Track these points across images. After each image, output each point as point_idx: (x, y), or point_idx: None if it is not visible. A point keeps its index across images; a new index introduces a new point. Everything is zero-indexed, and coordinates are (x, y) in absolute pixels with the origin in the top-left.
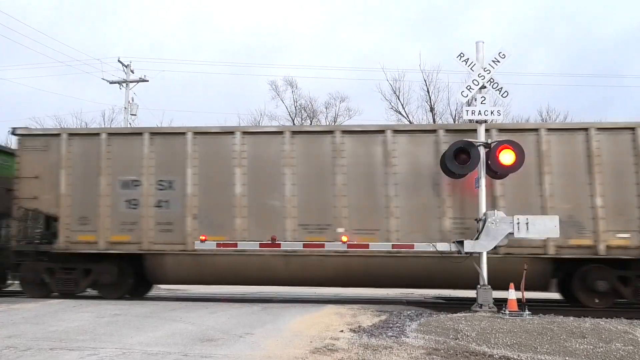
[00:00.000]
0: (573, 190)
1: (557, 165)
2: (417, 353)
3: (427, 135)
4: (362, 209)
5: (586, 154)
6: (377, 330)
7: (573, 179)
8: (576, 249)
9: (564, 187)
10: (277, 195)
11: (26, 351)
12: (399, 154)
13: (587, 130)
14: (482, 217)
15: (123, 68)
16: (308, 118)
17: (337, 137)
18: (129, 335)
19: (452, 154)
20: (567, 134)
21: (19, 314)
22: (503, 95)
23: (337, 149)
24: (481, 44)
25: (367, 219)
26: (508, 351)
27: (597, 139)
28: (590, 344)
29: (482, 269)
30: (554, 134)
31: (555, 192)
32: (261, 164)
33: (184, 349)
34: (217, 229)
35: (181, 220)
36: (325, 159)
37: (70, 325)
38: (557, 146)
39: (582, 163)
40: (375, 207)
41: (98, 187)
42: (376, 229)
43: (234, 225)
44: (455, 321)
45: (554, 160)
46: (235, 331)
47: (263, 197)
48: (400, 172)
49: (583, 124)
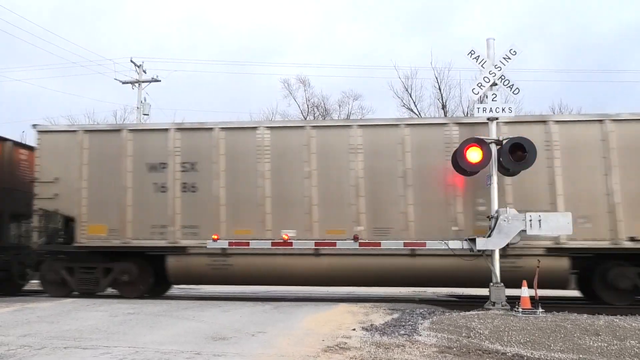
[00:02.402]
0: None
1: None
2: (429, 351)
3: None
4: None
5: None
6: (390, 328)
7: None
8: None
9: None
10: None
11: (41, 350)
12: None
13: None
14: (495, 215)
15: (135, 68)
16: (321, 116)
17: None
18: (142, 334)
19: (463, 152)
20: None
21: (34, 313)
22: (514, 92)
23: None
24: (492, 40)
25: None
26: (521, 349)
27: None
28: (605, 341)
29: (494, 266)
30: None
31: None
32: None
33: (196, 348)
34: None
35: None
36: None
37: (84, 324)
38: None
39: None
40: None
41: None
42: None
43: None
44: (467, 319)
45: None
46: (247, 329)
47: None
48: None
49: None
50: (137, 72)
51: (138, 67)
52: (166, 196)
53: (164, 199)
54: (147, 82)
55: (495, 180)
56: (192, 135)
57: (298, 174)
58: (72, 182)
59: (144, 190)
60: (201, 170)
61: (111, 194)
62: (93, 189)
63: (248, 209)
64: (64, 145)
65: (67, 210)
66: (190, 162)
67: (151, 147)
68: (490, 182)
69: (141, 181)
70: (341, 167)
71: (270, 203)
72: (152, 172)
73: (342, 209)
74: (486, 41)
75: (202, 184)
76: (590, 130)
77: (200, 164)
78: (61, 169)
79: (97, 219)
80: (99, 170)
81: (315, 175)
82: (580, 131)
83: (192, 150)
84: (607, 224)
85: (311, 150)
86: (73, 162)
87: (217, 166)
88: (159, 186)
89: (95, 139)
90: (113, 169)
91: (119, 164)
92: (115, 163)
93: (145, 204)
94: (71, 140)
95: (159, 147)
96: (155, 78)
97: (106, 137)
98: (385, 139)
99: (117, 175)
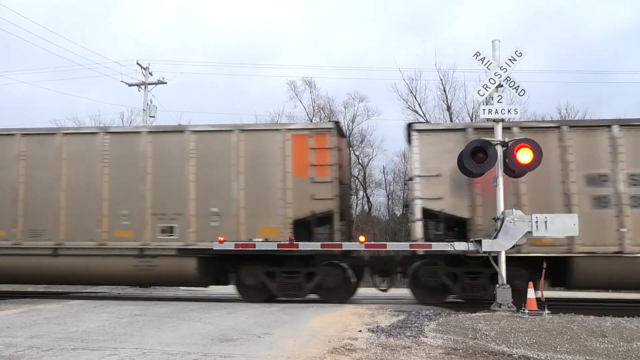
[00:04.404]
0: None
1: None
2: (435, 353)
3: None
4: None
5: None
6: (396, 330)
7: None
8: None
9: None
10: None
11: (48, 351)
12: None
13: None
14: (501, 216)
15: (142, 70)
16: (326, 118)
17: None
18: (149, 335)
19: (469, 153)
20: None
21: (41, 315)
22: (520, 93)
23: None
24: (497, 42)
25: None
26: (528, 350)
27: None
28: (611, 343)
29: (500, 268)
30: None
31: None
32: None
33: (203, 349)
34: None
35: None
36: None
37: (91, 325)
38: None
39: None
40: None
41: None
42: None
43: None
44: (474, 321)
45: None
46: (253, 331)
47: None
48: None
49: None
50: (143, 75)
51: (144, 69)
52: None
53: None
54: (153, 84)
55: (501, 182)
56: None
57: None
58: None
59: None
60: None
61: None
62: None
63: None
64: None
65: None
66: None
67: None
68: (496, 184)
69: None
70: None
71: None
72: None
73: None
74: (492, 43)
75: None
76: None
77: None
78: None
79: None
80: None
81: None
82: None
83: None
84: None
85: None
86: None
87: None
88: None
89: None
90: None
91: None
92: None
93: None
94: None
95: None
96: (161, 80)
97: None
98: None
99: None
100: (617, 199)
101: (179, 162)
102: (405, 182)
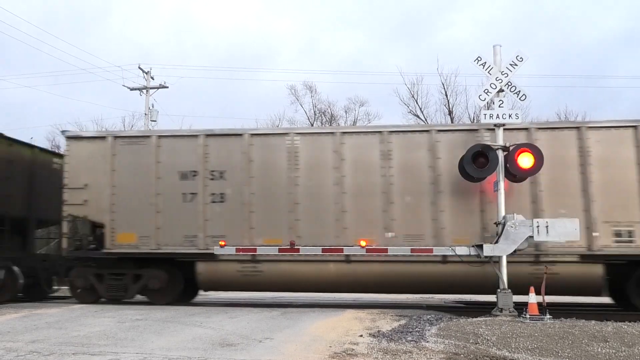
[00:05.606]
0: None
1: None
2: (436, 357)
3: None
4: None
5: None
6: (397, 334)
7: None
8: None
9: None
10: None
11: (49, 356)
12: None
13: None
14: (502, 221)
15: (143, 75)
16: (327, 122)
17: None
18: (150, 340)
19: (470, 158)
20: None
21: (42, 319)
22: (521, 98)
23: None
24: (498, 47)
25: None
26: (529, 355)
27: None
28: (613, 347)
29: (502, 272)
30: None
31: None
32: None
33: (204, 354)
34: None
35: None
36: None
37: (92, 330)
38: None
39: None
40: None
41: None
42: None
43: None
44: (475, 325)
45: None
46: (254, 336)
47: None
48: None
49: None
50: (145, 79)
51: (146, 73)
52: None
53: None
54: (155, 88)
55: (502, 187)
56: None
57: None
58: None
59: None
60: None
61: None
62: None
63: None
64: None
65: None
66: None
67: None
68: (497, 189)
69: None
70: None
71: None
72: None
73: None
74: (493, 48)
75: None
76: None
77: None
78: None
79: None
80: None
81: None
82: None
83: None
84: None
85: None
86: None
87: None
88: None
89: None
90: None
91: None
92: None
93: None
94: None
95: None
96: (162, 84)
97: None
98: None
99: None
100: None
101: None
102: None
